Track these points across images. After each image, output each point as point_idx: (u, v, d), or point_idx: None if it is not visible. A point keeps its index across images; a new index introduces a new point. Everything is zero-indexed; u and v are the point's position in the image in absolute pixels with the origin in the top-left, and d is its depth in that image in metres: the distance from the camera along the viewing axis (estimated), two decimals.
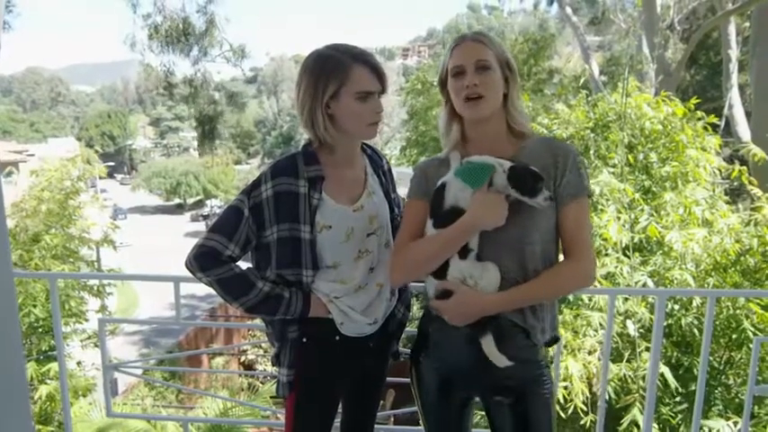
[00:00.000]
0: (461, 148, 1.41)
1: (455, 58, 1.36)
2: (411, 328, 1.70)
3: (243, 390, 10.28)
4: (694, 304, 3.46)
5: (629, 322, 3.48)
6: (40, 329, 5.54)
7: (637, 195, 4.03)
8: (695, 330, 3.43)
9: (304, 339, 1.47)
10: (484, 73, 1.33)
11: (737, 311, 3.34)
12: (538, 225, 1.32)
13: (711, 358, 3.49)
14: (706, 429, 3.10)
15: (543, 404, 1.38)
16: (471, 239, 1.32)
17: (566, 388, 3.26)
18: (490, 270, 1.31)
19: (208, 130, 11.79)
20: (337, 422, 1.64)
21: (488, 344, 1.32)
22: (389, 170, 1.64)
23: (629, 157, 4.39)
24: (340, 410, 1.64)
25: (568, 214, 1.33)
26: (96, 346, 5.94)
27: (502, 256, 1.32)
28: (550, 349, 3.36)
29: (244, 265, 1.46)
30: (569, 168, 1.33)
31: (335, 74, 1.36)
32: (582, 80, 8.18)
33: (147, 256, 22.43)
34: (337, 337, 1.48)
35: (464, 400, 1.47)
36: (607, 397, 3.18)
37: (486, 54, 1.34)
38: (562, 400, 3.25)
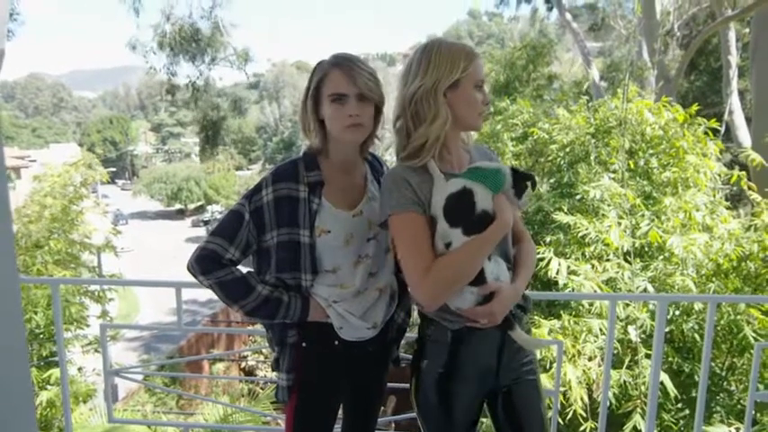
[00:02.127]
0: (445, 154, 1.43)
1: (479, 72, 1.38)
2: (411, 334, 1.70)
3: (243, 396, 10.24)
4: (695, 310, 3.46)
5: (630, 328, 3.48)
6: (42, 335, 5.53)
7: (638, 201, 4.03)
8: (696, 336, 3.42)
9: (303, 344, 1.48)
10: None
11: (738, 317, 3.33)
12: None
13: (713, 364, 3.48)
14: None
15: (536, 375, 1.50)
16: None
17: (564, 394, 3.25)
18: (502, 264, 1.39)
19: (211, 135, 11.86)
20: (338, 428, 1.64)
21: (520, 334, 1.39)
22: None
23: (630, 162, 4.41)
24: (341, 416, 1.64)
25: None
26: (97, 351, 5.93)
27: (498, 248, 1.40)
28: (551, 355, 3.35)
29: (245, 269, 1.48)
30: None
31: (316, 77, 1.43)
32: (586, 85, 8.20)
33: (148, 262, 22.44)
34: (336, 342, 1.48)
35: (470, 406, 1.44)
36: (608, 403, 3.17)
37: None
38: (560, 407, 3.24)
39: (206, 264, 1.42)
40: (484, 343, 1.40)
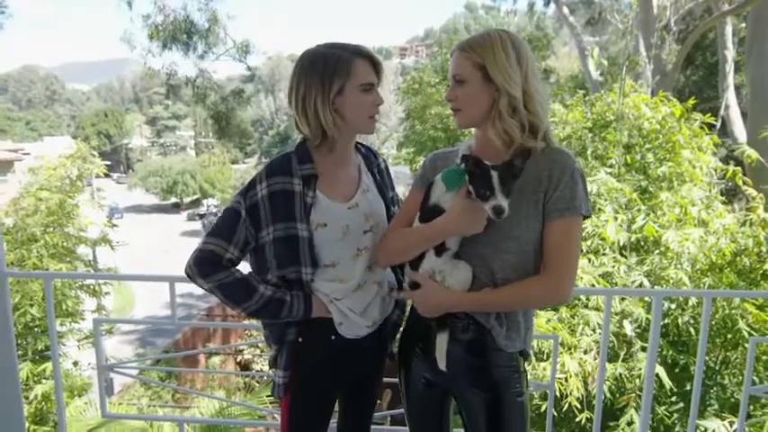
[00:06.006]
0: (474, 148, 1.42)
1: (449, 67, 1.38)
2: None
3: (239, 389, 10.27)
4: (690, 304, 3.48)
5: (626, 322, 3.49)
6: (37, 329, 5.51)
7: (634, 195, 4.04)
8: (691, 330, 3.44)
9: (300, 340, 1.47)
10: (459, 86, 1.35)
11: (733, 311, 3.35)
12: (516, 235, 1.30)
13: (707, 358, 3.51)
14: (702, 429, 3.11)
15: (514, 406, 1.37)
16: (449, 239, 1.34)
17: (561, 384, 3.27)
18: (461, 269, 1.33)
19: (224, 126, 11.70)
20: (334, 422, 1.64)
21: (441, 341, 1.36)
22: (386, 168, 1.64)
23: (627, 157, 4.41)
24: (336, 410, 1.64)
25: (552, 230, 1.29)
26: (93, 345, 5.91)
27: (474, 259, 1.34)
28: (548, 346, 3.35)
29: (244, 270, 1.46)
30: (563, 184, 1.28)
31: (340, 70, 1.37)
32: (595, 76, 8.13)
33: (143, 256, 22.36)
34: (333, 337, 1.47)
35: (443, 395, 1.49)
36: (603, 397, 3.19)
37: (462, 66, 1.33)
38: (558, 396, 3.26)
39: (205, 266, 1.39)
40: (431, 335, 1.39)
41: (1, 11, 9.62)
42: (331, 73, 1.37)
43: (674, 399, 3.43)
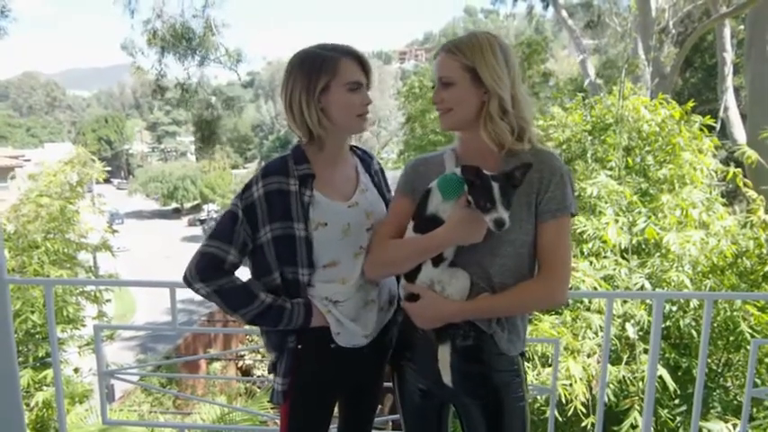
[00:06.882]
0: (459, 152, 1.40)
1: (435, 69, 1.36)
2: None
3: (241, 394, 10.24)
4: (691, 306, 3.47)
5: (628, 325, 3.48)
6: (38, 336, 5.51)
7: (634, 198, 4.03)
8: (693, 332, 3.43)
9: (299, 347, 1.46)
10: (446, 89, 1.33)
11: (734, 313, 3.34)
12: (512, 240, 1.30)
13: (709, 360, 3.50)
14: None
15: (515, 411, 1.36)
16: (446, 249, 1.32)
17: (566, 389, 3.26)
18: (459, 278, 1.31)
19: (207, 134, 11.77)
20: (334, 428, 1.63)
21: (444, 353, 1.33)
22: (381, 170, 1.64)
23: (627, 159, 4.41)
24: (336, 416, 1.63)
25: (546, 232, 1.30)
26: (94, 352, 5.91)
27: (471, 266, 1.32)
28: (550, 351, 3.34)
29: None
30: (554, 185, 1.29)
31: (326, 68, 1.39)
32: (587, 81, 8.17)
33: (144, 261, 22.37)
34: (333, 345, 1.46)
35: (441, 404, 1.47)
36: (606, 400, 3.18)
37: (450, 68, 1.31)
38: (564, 401, 3.25)
39: (207, 270, 1.38)
40: (430, 346, 1.36)
41: (5, 14, 9.65)
42: (317, 71, 1.38)
43: (677, 401, 3.41)
